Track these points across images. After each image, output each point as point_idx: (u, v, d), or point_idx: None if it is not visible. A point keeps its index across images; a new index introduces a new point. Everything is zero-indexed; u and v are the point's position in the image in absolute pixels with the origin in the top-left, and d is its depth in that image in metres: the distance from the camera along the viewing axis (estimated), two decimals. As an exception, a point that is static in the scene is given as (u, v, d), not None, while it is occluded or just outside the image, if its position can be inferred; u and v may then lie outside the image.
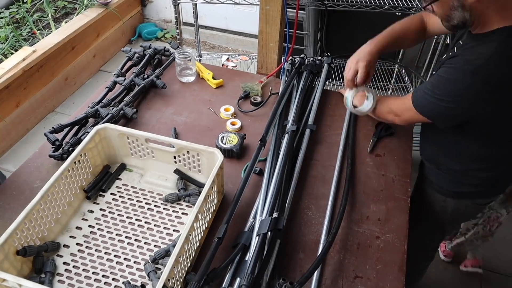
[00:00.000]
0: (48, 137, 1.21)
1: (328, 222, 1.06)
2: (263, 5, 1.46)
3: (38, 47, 2.56)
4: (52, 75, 2.70)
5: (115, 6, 3.11)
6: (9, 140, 2.48)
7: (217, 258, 0.89)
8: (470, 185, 1.19)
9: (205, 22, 3.36)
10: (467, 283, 1.92)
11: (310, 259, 0.98)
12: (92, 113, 1.28)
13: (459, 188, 1.21)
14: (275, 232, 0.94)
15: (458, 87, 0.97)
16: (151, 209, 1.08)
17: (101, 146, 1.12)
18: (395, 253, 1.01)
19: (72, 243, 1.00)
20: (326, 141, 1.31)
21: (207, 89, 1.51)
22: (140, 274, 0.94)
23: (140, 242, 1.00)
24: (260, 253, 0.90)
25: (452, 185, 1.22)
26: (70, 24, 2.82)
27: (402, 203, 1.12)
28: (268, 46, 1.56)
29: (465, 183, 1.19)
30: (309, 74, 1.48)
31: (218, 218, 1.06)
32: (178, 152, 1.09)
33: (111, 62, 3.24)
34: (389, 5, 1.87)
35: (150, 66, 1.57)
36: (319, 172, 1.21)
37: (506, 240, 2.10)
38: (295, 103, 1.36)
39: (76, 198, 1.06)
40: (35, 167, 1.18)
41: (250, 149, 1.26)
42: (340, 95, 1.49)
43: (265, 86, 1.52)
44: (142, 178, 1.16)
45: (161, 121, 1.36)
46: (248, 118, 1.38)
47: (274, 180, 1.08)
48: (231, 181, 1.16)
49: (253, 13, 2.91)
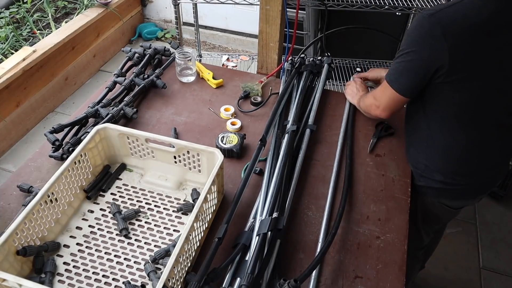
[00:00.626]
0: (48, 137, 1.21)
1: (326, 222, 1.06)
2: (263, 5, 1.46)
3: (38, 47, 2.56)
4: (52, 75, 2.70)
5: (115, 6, 3.11)
6: (9, 140, 2.48)
7: (217, 258, 0.89)
8: (432, 180, 1.18)
9: (205, 22, 3.36)
10: (467, 283, 1.92)
11: (310, 259, 0.98)
12: (92, 113, 1.28)
13: (421, 182, 1.21)
14: (275, 232, 0.94)
15: (415, 32, 1.01)
16: (151, 209, 1.08)
17: (101, 146, 1.12)
18: (395, 253, 1.01)
19: (72, 243, 1.00)
20: (326, 141, 1.31)
21: (207, 89, 1.51)
22: (140, 274, 0.94)
23: (140, 242, 1.00)
24: (260, 253, 0.90)
25: (418, 178, 1.21)
26: (70, 24, 2.82)
27: (402, 203, 1.12)
28: (268, 46, 1.56)
29: (427, 177, 1.19)
30: (309, 74, 1.48)
31: (218, 218, 1.06)
32: (178, 152, 1.09)
33: (111, 62, 3.24)
34: (389, 5, 1.87)
35: (150, 66, 1.57)
36: (319, 172, 1.21)
37: (506, 240, 2.10)
38: (295, 103, 1.36)
39: (76, 198, 1.06)
40: (35, 167, 1.18)
41: (250, 149, 1.26)
42: (339, 94, 1.49)
43: (265, 86, 1.52)
44: (142, 178, 1.16)
45: (161, 121, 1.36)
46: (248, 118, 1.38)
47: (274, 180, 1.08)
48: (231, 181, 1.16)
49: (253, 13, 2.91)
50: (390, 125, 1.32)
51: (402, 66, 1.05)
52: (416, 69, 1.04)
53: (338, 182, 1.17)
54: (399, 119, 1.36)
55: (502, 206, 1.96)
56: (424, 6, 1.88)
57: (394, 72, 1.08)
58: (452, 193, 1.21)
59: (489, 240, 2.10)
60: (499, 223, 2.16)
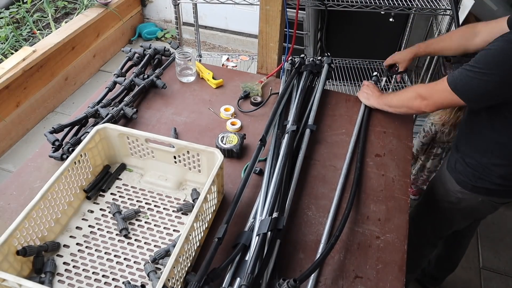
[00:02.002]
0: (48, 137, 1.21)
1: (330, 223, 1.06)
2: (263, 5, 1.46)
3: (38, 47, 2.56)
4: (52, 75, 2.70)
5: (115, 6, 3.11)
6: (9, 140, 2.48)
7: (217, 258, 0.89)
8: (490, 182, 1.20)
9: (205, 22, 3.36)
10: (467, 283, 1.92)
11: (310, 259, 0.98)
12: (92, 113, 1.28)
13: (478, 183, 1.22)
14: (275, 232, 0.94)
15: (502, 57, 0.98)
16: (151, 209, 1.08)
17: (101, 146, 1.12)
18: (395, 253, 1.01)
19: (72, 243, 1.00)
20: (326, 141, 1.31)
21: (207, 89, 1.51)
22: (140, 274, 0.94)
23: (140, 242, 1.00)
24: (260, 253, 0.90)
25: (473, 178, 1.22)
26: (70, 24, 2.82)
27: (402, 203, 1.12)
28: (268, 46, 1.56)
29: (485, 179, 1.20)
30: (309, 74, 1.48)
31: (218, 218, 1.06)
32: (178, 152, 1.09)
33: (111, 62, 3.24)
34: (389, 5, 1.87)
35: (150, 66, 1.57)
36: (319, 172, 1.21)
37: (506, 240, 2.10)
38: (295, 103, 1.36)
39: (76, 198, 1.06)
40: (35, 167, 1.18)
41: (250, 149, 1.26)
42: (339, 94, 1.49)
43: (265, 86, 1.52)
44: (142, 178, 1.16)
45: (161, 121, 1.36)
46: (248, 118, 1.38)
47: (274, 180, 1.08)
48: (231, 181, 1.16)
49: (253, 13, 2.91)
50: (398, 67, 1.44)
51: (475, 82, 1.03)
52: (491, 89, 1.02)
53: (345, 183, 1.17)
54: (400, 119, 1.37)
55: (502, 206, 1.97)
56: (424, 6, 1.88)
57: (463, 83, 1.06)
58: (505, 192, 1.23)
59: (489, 240, 2.10)
60: (499, 223, 2.17)
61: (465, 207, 1.30)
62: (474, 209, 1.31)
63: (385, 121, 1.37)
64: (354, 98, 1.47)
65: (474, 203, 1.28)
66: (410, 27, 2.45)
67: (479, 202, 1.27)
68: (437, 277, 1.78)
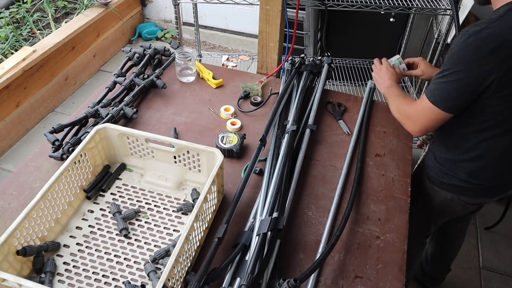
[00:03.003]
0: (48, 137, 1.21)
1: (330, 223, 1.06)
2: (263, 5, 1.46)
3: (38, 47, 2.56)
4: (52, 75, 2.70)
5: (115, 6, 3.11)
6: (9, 140, 2.48)
7: (217, 258, 0.89)
8: (456, 178, 1.19)
9: (205, 22, 3.36)
10: (467, 283, 1.92)
11: (310, 259, 0.98)
12: (92, 113, 1.28)
13: (445, 179, 1.22)
14: (275, 232, 0.94)
15: (462, 51, 0.99)
16: (151, 209, 1.08)
17: (101, 146, 1.12)
18: (395, 253, 1.01)
19: (72, 243, 1.00)
20: (326, 141, 1.31)
21: (207, 89, 1.51)
22: (140, 274, 0.94)
23: (140, 242, 1.00)
24: (260, 253, 0.90)
25: (441, 174, 1.23)
26: (70, 24, 2.82)
27: (402, 203, 1.12)
28: (268, 46, 1.56)
29: (451, 174, 1.20)
30: (309, 74, 1.48)
31: (218, 218, 1.06)
32: (178, 152, 1.09)
33: (111, 62, 3.23)
34: (389, 5, 1.87)
35: (150, 66, 1.57)
36: (319, 172, 1.21)
37: (506, 240, 2.10)
38: (295, 103, 1.36)
39: (76, 198, 1.06)
40: (35, 167, 1.18)
41: (250, 149, 1.26)
42: (339, 94, 1.49)
43: (265, 86, 1.52)
44: (142, 178, 1.16)
45: (161, 121, 1.36)
46: (248, 118, 1.38)
47: (274, 180, 1.08)
48: (231, 181, 1.16)
49: (253, 13, 2.91)
50: None
51: (449, 86, 1.03)
52: (464, 87, 1.02)
53: (346, 183, 1.17)
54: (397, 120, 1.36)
55: (502, 206, 1.96)
56: (424, 6, 1.88)
57: (439, 92, 1.05)
58: (474, 192, 1.22)
59: (489, 240, 2.10)
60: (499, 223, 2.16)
61: (437, 204, 1.30)
62: (446, 207, 1.31)
63: (385, 121, 1.38)
64: (354, 98, 1.47)
65: (444, 200, 1.28)
66: (410, 27, 2.45)
67: (448, 200, 1.26)
68: (435, 277, 1.78)
